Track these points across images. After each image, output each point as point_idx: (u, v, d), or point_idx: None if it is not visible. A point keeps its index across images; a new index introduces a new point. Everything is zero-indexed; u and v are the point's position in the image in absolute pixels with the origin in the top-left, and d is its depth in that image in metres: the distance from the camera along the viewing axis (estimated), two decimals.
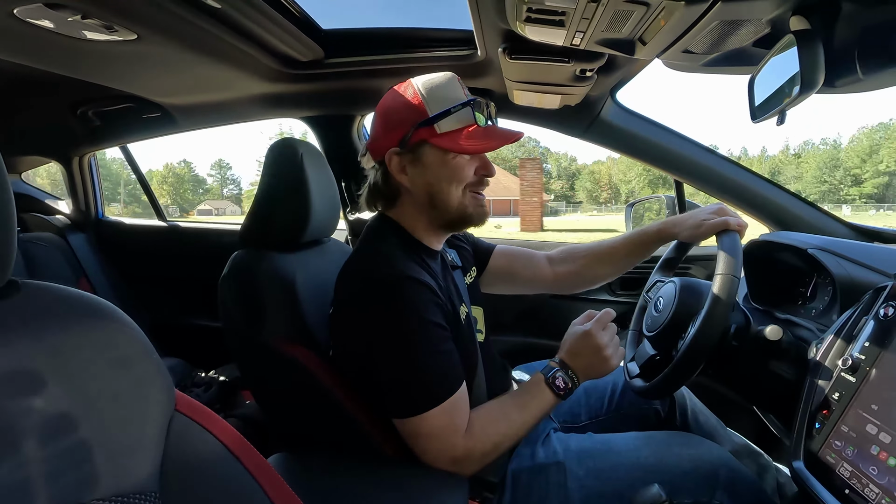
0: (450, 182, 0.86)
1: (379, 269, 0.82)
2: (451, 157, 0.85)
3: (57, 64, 1.17)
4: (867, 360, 0.67)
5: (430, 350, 0.78)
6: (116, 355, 0.40)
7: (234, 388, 1.70)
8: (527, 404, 0.84)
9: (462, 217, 0.89)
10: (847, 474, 0.63)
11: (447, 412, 0.77)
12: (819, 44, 0.59)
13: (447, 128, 0.84)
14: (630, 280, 1.62)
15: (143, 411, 0.40)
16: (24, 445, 0.33)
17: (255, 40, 1.14)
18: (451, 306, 0.86)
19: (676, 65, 0.92)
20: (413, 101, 0.85)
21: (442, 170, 0.86)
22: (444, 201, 0.87)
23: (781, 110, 0.67)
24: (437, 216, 0.89)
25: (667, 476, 0.82)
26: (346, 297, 0.84)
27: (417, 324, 0.77)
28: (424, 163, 0.86)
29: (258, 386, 0.98)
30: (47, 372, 0.36)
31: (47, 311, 0.39)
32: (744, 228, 0.93)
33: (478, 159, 0.88)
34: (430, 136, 0.84)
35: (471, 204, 0.88)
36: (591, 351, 0.88)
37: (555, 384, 0.86)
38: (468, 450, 0.78)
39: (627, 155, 1.48)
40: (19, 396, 0.34)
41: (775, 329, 0.80)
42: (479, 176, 0.88)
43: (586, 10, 0.73)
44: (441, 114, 0.83)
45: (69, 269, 1.91)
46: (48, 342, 0.37)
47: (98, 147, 1.96)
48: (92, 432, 0.36)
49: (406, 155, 0.86)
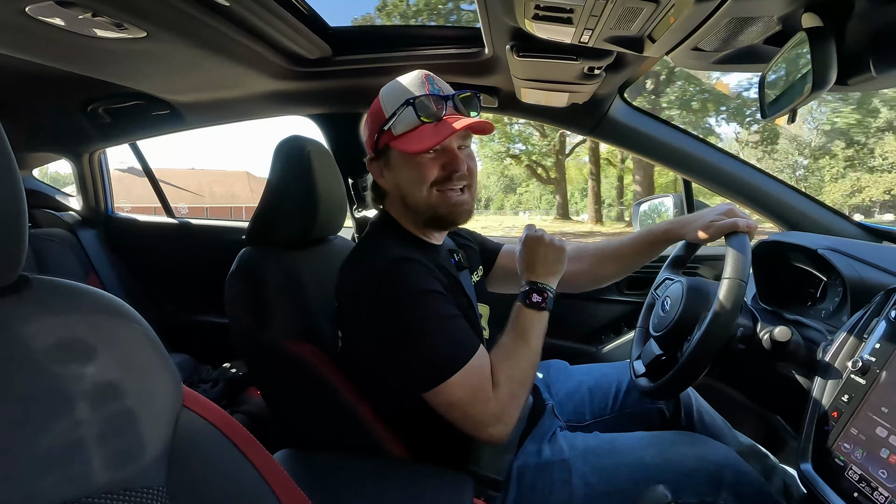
0: (414, 182, 0.86)
1: (375, 255, 0.85)
2: (412, 157, 0.85)
3: (67, 61, 1.18)
4: (878, 362, 0.66)
5: (440, 315, 0.79)
6: (124, 350, 0.41)
7: (241, 385, 1.71)
8: (522, 334, 0.85)
9: (434, 216, 0.88)
10: (856, 477, 0.62)
11: (474, 371, 0.78)
12: (832, 41, 0.58)
13: (401, 129, 0.84)
14: (638, 279, 1.61)
15: (151, 407, 0.40)
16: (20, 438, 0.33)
17: (264, 38, 1.14)
18: (451, 290, 0.86)
19: (686, 62, 0.91)
20: (376, 107, 0.87)
21: (407, 171, 0.86)
22: (414, 202, 0.88)
23: (793, 108, 0.67)
24: (415, 216, 0.90)
25: (671, 476, 0.82)
26: (348, 287, 0.85)
27: (420, 294, 0.78)
28: (392, 166, 0.88)
29: (265, 383, 0.99)
30: (54, 366, 0.36)
31: (57, 307, 0.39)
32: (753, 230, 0.90)
33: (443, 156, 0.86)
34: (389, 139, 0.85)
35: (440, 203, 0.86)
36: (542, 250, 0.92)
37: (532, 301, 0.87)
38: (501, 401, 0.79)
39: (636, 153, 1.47)
40: (23, 386, 0.34)
41: (784, 330, 0.79)
42: (448, 172, 0.86)
43: (595, 8, 0.72)
44: (391, 116, 0.84)
45: (78, 264, 1.93)
46: (57, 337, 0.37)
47: (108, 144, 1.98)
48: (97, 427, 0.36)
49: (380, 160, 0.90)
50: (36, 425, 0.34)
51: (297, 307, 0.95)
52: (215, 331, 1.95)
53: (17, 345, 0.35)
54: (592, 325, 1.70)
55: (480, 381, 0.78)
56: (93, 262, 1.98)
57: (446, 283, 0.85)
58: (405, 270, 0.79)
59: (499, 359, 0.82)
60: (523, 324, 0.86)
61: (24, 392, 0.34)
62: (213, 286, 1.21)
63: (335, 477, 0.82)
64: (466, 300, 0.93)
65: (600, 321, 1.69)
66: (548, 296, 0.88)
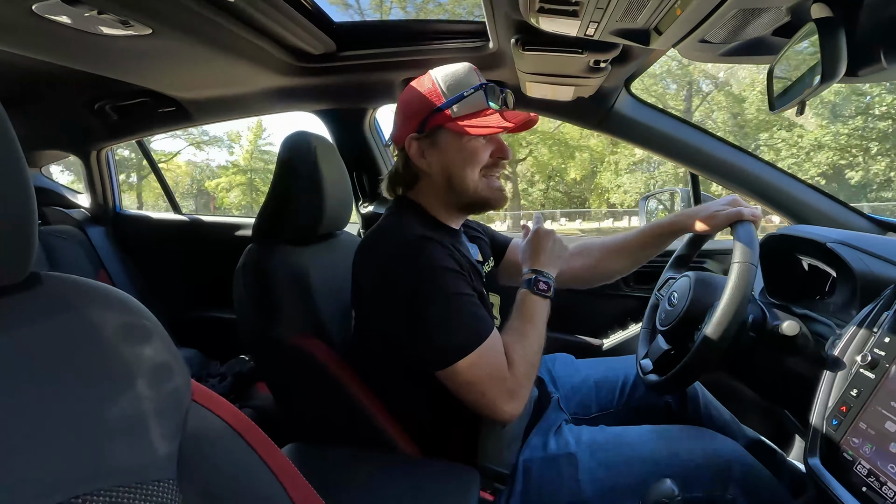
0: (465, 165, 0.89)
1: (399, 233, 0.87)
2: (466, 141, 0.88)
3: (74, 59, 1.19)
4: (887, 357, 0.65)
5: (462, 294, 0.81)
6: (134, 346, 0.41)
7: (249, 379, 1.73)
8: (531, 318, 0.88)
9: (478, 200, 0.92)
10: (865, 472, 0.62)
11: (492, 349, 0.80)
12: (841, 32, 0.57)
13: (462, 112, 0.87)
14: (645, 274, 1.61)
15: (161, 401, 0.41)
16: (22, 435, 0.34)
17: (269, 34, 1.14)
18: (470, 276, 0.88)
19: (693, 55, 0.90)
20: (430, 90, 0.89)
21: (458, 153, 0.89)
22: (461, 184, 0.90)
23: (801, 100, 0.66)
24: (455, 198, 0.92)
25: (679, 470, 0.82)
26: (371, 264, 0.87)
27: (443, 272, 0.80)
28: (441, 147, 0.89)
29: (272, 378, 1.00)
30: (64, 363, 0.37)
31: (68, 302, 0.40)
32: (758, 218, 0.92)
33: (493, 143, 0.91)
34: (445, 121, 0.87)
35: (485, 187, 0.91)
36: (546, 243, 0.97)
37: (539, 288, 0.91)
38: (517, 378, 0.81)
39: (642, 147, 1.46)
40: (36, 385, 0.35)
41: (792, 324, 0.78)
42: (495, 159, 0.91)
43: (600, 0, 0.72)
44: (455, 98, 0.87)
45: (88, 261, 1.95)
46: (70, 332, 0.38)
47: (115, 141, 1.99)
48: (108, 422, 0.37)
49: (424, 140, 0.90)
50: (44, 422, 0.34)
51: (304, 302, 0.95)
52: (223, 326, 1.96)
53: (28, 342, 0.36)
54: (599, 320, 1.69)
55: (497, 359, 0.80)
56: (102, 259, 2.00)
57: (466, 264, 0.87)
58: (429, 248, 0.81)
59: (511, 339, 0.84)
60: (531, 309, 0.88)
61: (36, 389, 0.35)
62: (221, 282, 1.22)
63: (343, 471, 0.83)
64: (483, 288, 0.94)
65: (606, 316, 1.69)
66: (551, 285, 0.92)
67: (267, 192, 1.02)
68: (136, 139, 2.02)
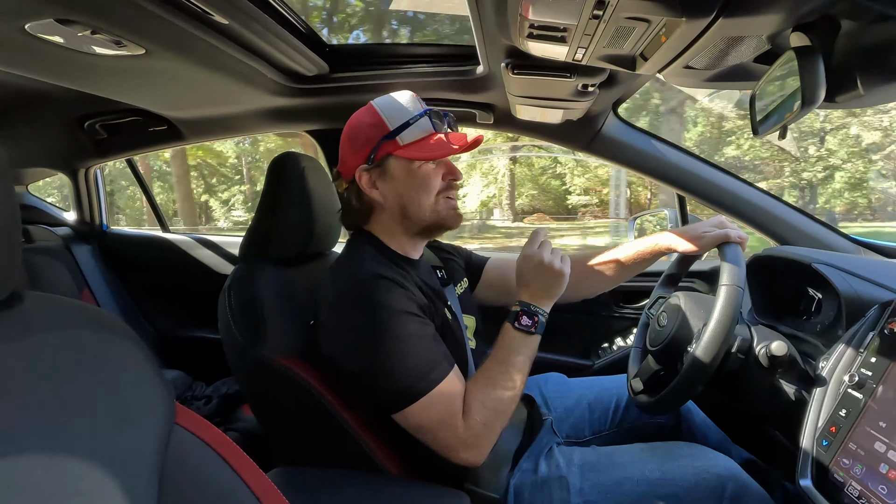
0: (420, 191, 0.89)
1: (351, 270, 0.87)
2: (416, 167, 0.89)
3: (66, 78, 1.19)
4: (874, 377, 0.66)
5: (411, 335, 0.79)
6: (118, 367, 0.40)
7: (235, 402, 1.69)
8: (506, 358, 0.83)
9: (437, 222, 0.92)
10: (856, 493, 0.62)
11: (442, 397, 0.77)
12: (819, 60, 0.59)
13: (409, 139, 0.87)
14: (634, 293, 1.62)
15: (143, 424, 0.40)
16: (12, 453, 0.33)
17: (262, 56, 1.15)
18: (431, 305, 0.87)
19: (678, 80, 0.92)
20: (375, 119, 0.89)
21: (410, 180, 0.89)
22: (417, 211, 0.90)
23: (783, 125, 0.68)
24: (411, 225, 0.92)
25: (673, 490, 0.81)
26: (326, 300, 0.86)
27: (393, 313, 0.78)
28: (393, 175, 0.89)
29: (258, 401, 0.98)
30: (45, 383, 0.36)
31: (50, 322, 0.39)
32: (744, 241, 0.93)
33: (443, 166, 0.91)
34: (393, 148, 0.88)
35: (444, 208, 0.91)
36: (537, 272, 0.87)
37: (521, 324, 0.85)
38: (471, 428, 0.78)
39: (631, 169, 1.49)
40: (13, 405, 0.34)
41: (780, 344, 0.79)
42: (448, 181, 0.92)
43: (588, 27, 0.74)
44: (401, 126, 0.87)
45: (72, 280, 1.91)
46: (50, 353, 0.37)
47: (104, 160, 1.98)
48: (88, 444, 0.36)
49: (374, 170, 0.90)
50: (21, 444, 0.33)
51: (290, 324, 0.94)
52: (210, 347, 1.93)
53: (6, 361, 0.35)
54: (589, 340, 1.69)
55: (448, 408, 0.78)
56: (87, 278, 1.96)
57: (425, 302, 0.85)
58: (380, 287, 0.80)
59: (476, 384, 0.82)
60: (508, 347, 0.84)
61: (15, 409, 0.34)
62: (207, 302, 1.21)
63: (330, 495, 0.81)
64: (451, 314, 0.93)
65: (597, 335, 1.69)
66: (538, 320, 0.86)
67: (255, 212, 1.02)
68: (125, 157, 2.00)
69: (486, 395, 0.80)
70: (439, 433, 0.78)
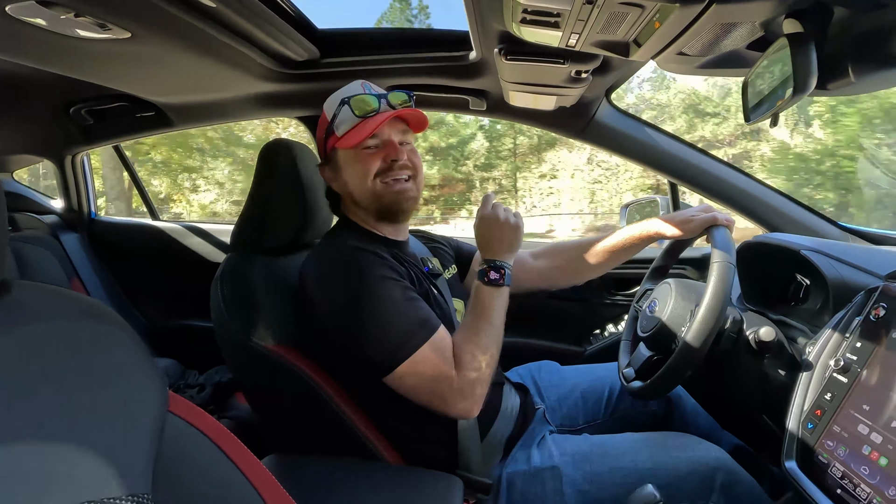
0: (359, 176, 0.92)
1: (332, 247, 0.91)
2: (354, 153, 0.91)
3: (50, 63, 1.16)
4: (859, 361, 0.67)
5: (395, 299, 0.81)
6: (109, 356, 0.40)
7: (228, 390, 1.69)
8: (483, 312, 0.87)
9: (381, 206, 0.93)
10: (839, 474, 0.63)
11: (434, 349, 0.80)
12: (811, 47, 0.59)
13: (343, 129, 0.91)
14: (625, 280, 1.63)
15: (136, 413, 0.40)
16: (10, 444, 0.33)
17: (251, 40, 1.13)
18: (416, 279, 0.90)
19: (671, 67, 0.92)
20: (323, 115, 0.94)
21: (352, 167, 0.92)
22: (361, 195, 0.93)
23: (775, 112, 0.68)
24: (367, 209, 0.94)
25: (663, 479, 0.82)
26: (309, 278, 0.88)
27: (373, 280, 0.81)
28: (340, 166, 0.94)
29: (251, 389, 0.98)
30: (35, 373, 0.36)
31: (39, 311, 0.38)
32: (731, 224, 0.95)
33: (384, 149, 0.91)
34: (335, 141, 0.92)
35: (384, 192, 0.92)
36: (496, 229, 0.91)
37: (490, 278, 0.88)
38: (466, 378, 0.80)
39: (622, 156, 1.49)
40: (2, 396, 0.34)
41: (769, 330, 0.80)
42: (389, 162, 0.91)
43: (581, 12, 0.73)
44: (332, 118, 0.91)
45: (61, 269, 1.89)
46: (40, 342, 0.37)
47: (91, 146, 1.95)
48: (80, 434, 0.36)
49: (329, 164, 0.96)
50: (15, 434, 0.33)
51: (283, 311, 0.94)
52: (202, 335, 1.92)
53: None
54: (581, 327, 1.71)
55: (442, 360, 0.80)
56: (76, 267, 1.94)
57: (404, 271, 0.88)
58: (358, 257, 0.83)
59: (461, 338, 0.84)
60: (483, 302, 0.87)
61: (6, 398, 0.34)
62: (199, 289, 1.20)
63: (324, 481, 0.82)
64: (440, 294, 0.96)
65: (588, 322, 1.70)
66: (505, 272, 0.89)
67: (246, 201, 1.01)
68: (113, 144, 1.97)
69: (475, 345, 0.82)
70: (435, 387, 0.79)
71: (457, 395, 0.79)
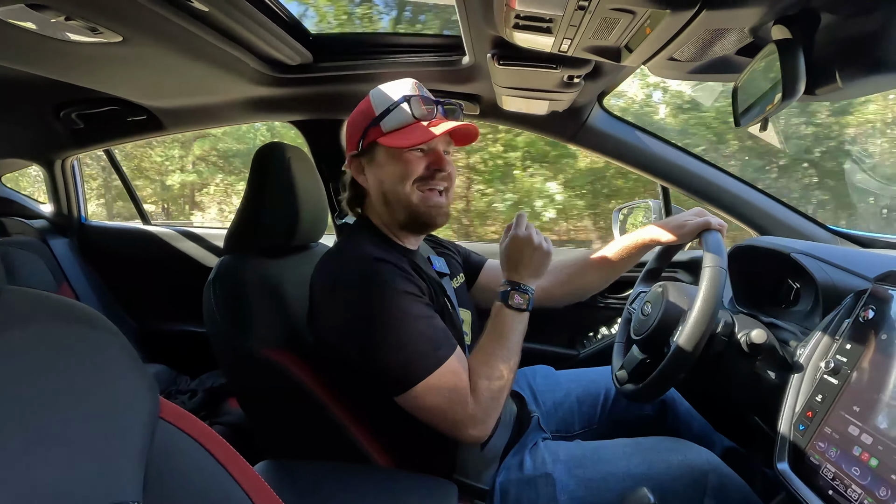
0: (398, 178, 0.88)
1: (352, 254, 0.86)
2: (398, 154, 0.87)
3: (39, 66, 1.15)
4: (849, 363, 0.68)
5: (414, 316, 0.78)
6: (99, 362, 0.40)
7: (221, 395, 1.68)
8: (501, 336, 0.85)
9: (413, 216, 0.89)
10: (830, 475, 0.64)
11: (450, 374, 0.77)
12: (800, 53, 0.60)
13: (391, 126, 0.87)
14: (618, 283, 1.63)
15: (127, 419, 0.39)
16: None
17: (243, 44, 1.13)
18: (432, 291, 0.87)
19: (662, 72, 0.93)
20: (365, 106, 0.90)
21: (392, 167, 0.88)
22: (395, 198, 0.89)
23: (764, 117, 0.69)
24: (394, 214, 0.91)
25: (656, 483, 0.82)
26: (324, 285, 0.85)
27: (395, 294, 0.78)
28: (377, 162, 0.89)
29: (244, 393, 0.97)
30: (24, 379, 0.35)
31: (28, 317, 0.38)
32: (724, 228, 0.96)
33: (428, 155, 0.89)
34: (377, 135, 0.87)
35: (420, 202, 0.89)
36: (528, 252, 0.89)
37: (514, 302, 0.87)
38: (480, 403, 0.78)
39: (615, 160, 1.50)
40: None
41: (760, 332, 0.81)
42: (431, 171, 0.89)
43: (574, 18, 0.74)
44: (382, 113, 0.87)
45: (50, 274, 1.87)
46: (28, 348, 0.36)
47: (82, 150, 1.93)
48: (69, 441, 0.35)
49: (362, 157, 0.91)
50: (2, 440, 0.33)
51: (277, 315, 0.94)
52: (194, 340, 1.90)
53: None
54: (574, 330, 1.71)
55: (457, 384, 0.78)
56: (65, 272, 1.92)
57: (424, 286, 0.86)
58: (381, 270, 0.80)
59: (477, 361, 0.82)
60: (503, 325, 0.86)
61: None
62: (190, 294, 1.19)
63: (318, 487, 0.81)
64: (450, 305, 0.93)
65: (582, 325, 1.70)
66: (529, 297, 0.88)
67: (239, 203, 1.00)
68: (103, 148, 1.96)
69: (490, 371, 0.81)
70: (449, 410, 0.77)
71: (469, 421, 0.78)
